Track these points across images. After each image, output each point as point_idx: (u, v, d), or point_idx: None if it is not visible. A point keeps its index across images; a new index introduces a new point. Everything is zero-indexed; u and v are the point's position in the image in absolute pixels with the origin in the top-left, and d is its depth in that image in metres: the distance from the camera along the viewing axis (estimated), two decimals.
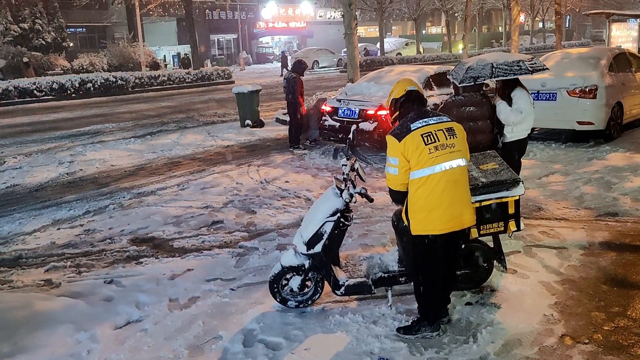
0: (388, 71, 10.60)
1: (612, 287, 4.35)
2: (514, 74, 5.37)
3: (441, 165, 3.47)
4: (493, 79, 5.42)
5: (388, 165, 3.62)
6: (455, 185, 3.52)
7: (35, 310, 4.19)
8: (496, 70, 5.38)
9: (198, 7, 37.31)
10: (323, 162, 9.11)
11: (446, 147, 3.50)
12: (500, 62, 5.43)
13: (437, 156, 3.46)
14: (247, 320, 4.05)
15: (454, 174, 3.51)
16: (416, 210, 3.54)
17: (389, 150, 3.59)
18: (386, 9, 36.02)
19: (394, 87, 3.85)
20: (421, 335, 3.73)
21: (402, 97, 3.75)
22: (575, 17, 63.33)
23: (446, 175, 3.48)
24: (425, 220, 3.52)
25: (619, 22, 19.54)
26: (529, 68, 5.36)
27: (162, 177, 8.64)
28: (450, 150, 3.51)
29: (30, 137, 12.95)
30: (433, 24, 65.24)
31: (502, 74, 5.37)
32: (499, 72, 5.37)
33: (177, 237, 5.94)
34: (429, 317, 3.76)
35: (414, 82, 3.86)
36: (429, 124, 3.54)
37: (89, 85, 22.39)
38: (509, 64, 5.40)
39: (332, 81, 25.58)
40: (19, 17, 31.24)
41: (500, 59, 5.51)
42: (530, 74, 5.38)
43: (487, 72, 5.40)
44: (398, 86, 3.82)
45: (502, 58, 5.53)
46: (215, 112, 16.65)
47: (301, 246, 4.07)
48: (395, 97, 3.79)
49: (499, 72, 5.37)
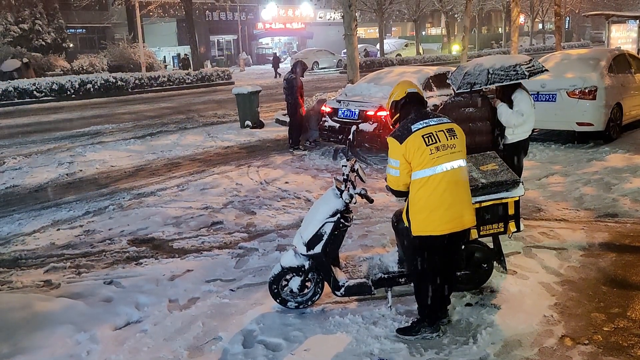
0: (388, 72, 10.61)
1: (612, 288, 4.35)
2: (510, 79, 5.34)
3: (442, 165, 3.47)
4: (489, 85, 5.40)
5: (389, 167, 3.63)
6: (456, 186, 3.53)
7: (35, 311, 4.18)
8: (492, 77, 5.37)
9: (198, 8, 37.35)
10: (323, 163, 9.11)
11: (447, 148, 3.50)
12: (497, 67, 5.40)
13: (439, 157, 3.47)
14: (246, 321, 4.05)
15: (454, 174, 3.52)
16: (417, 210, 3.55)
17: (390, 152, 3.60)
18: (386, 10, 36.05)
19: (394, 89, 3.86)
20: (421, 336, 3.73)
21: (403, 99, 3.76)
22: (575, 18, 63.36)
23: (447, 176, 3.48)
24: (426, 221, 3.52)
25: (619, 24, 19.54)
26: (525, 72, 5.32)
27: (162, 178, 8.64)
28: (452, 150, 3.52)
29: (30, 138, 12.95)
30: (433, 25, 65.28)
31: (498, 79, 5.35)
32: (495, 78, 5.36)
33: (176, 237, 5.94)
34: (429, 318, 3.75)
35: (413, 84, 3.87)
36: (429, 125, 3.54)
37: (88, 86, 22.37)
38: (505, 69, 5.37)
39: (331, 82, 25.60)
40: (19, 18, 31.23)
41: (497, 63, 5.48)
42: (526, 78, 5.34)
43: (484, 78, 5.39)
44: (398, 88, 3.83)
45: (500, 62, 5.50)
46: (215, 112, 16.66)
47: (301, 247, 4.07)
48: (395, 99, 3.80)
49: (495, 78, 5.36)
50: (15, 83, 21.18)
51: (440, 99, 8.91)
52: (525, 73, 5.32)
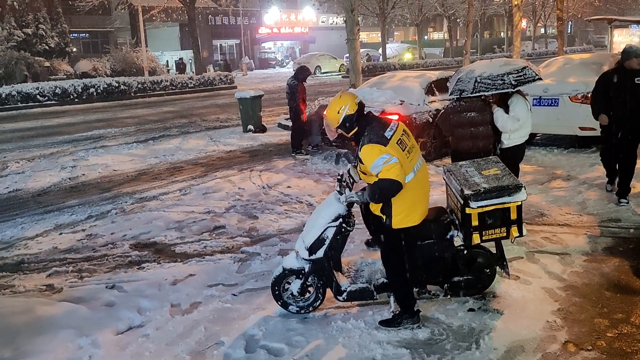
0: (390, 76, 10.61)
1: (615, 293, 4.33)
2: (495, 89, 5.35)
3: (415, 166, 3.75)
4: (475, 94, 5.40)
5: (385, 162, 3.52)
6: (424, 180, 3.89)
7: (37, 315, 4.18)
8: (478, 85, 5.38)
9: (201, 12, 37.39)
10: (325, 168, 9.11)
11: (412, 148, 3.79)
12: (485, 76, 5.41)
13: (411, 159, 3.72)
14: (249, 326, 4.04)
15: (422, 171, 3.84)
16: (402, 210, 3.73)
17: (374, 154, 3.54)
18: (388, 14, 36.09)
19: (339, 104, 3.75)
20: (403, 327, 3.84)
21: (357, 112, 3.74)
22: (577, 23, 63.37)
23: (419, 174, 3.78)
24: (409, 216, 3.76)
25: (621, 28, 19.55)
26: (512, 82, 5.32)
27: (164, 182, 8.65)
28: (415, 150, 3.82)
29: (33, 142, 12.99)
30: (435, 30, 65.38)
31: (483, 88, 5.35)
32: (481, 87, 5.36)
33: (179, 242, 5.94)
34: (409, 309, 3.88)
35: (355, 94, 3.91)
36: (394, 130, 3.68)
37: (91, 90, 22.46)
38: (492, 78, 5.37)
39: (334, 86, 25.62)
40: (22, 23, 31.40)
41: (487, 71, 5.48)
42: (512, 89, 5.36)
43: (471, 86, 5.40)
44: (345, 102, 3.74)
45: (489, 70, 5.49)
46: (217, 117, 16.69)
47: (303, 251, 4.07)
48: (349, 114, 3.72)
49: (480, 87, 5.36)
50: (18, 87, 21.26)
51: (443, 104, 8.92)
52: (512, 83, 5.33)
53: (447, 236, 4.10)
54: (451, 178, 4.29)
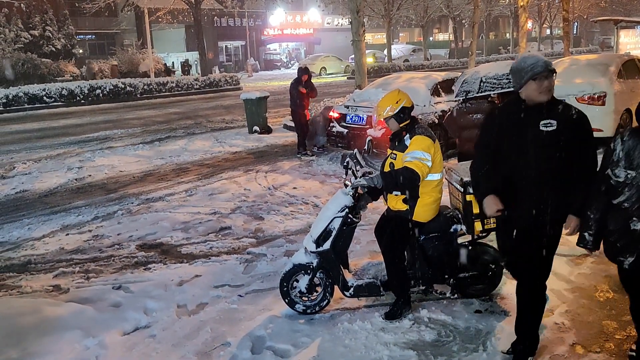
0: (396, 78, 10.61)
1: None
2: (501, 88, 5.32)
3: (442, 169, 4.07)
4: (480, 93, 5.38)
5: (422, 159, 3.83)
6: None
7: (44, 315, 4.19)
8: (484, 85, 5.36)
9: (206, 14, 37.51)
10: (331, 169, 9.11)
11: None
12: (490, 76, 5.39)
13: (441, 160, 4.03)
14: (255, 327, 4.04)
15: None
16: (427, 203, 3.98)
17: (422, 146, 3.86)
18: (393, 15, 36.05)
19: (399, 95, 4.07)
20: (403, 316, 4.00)
21: (411, 107, 4.06)
22: (583, 23, 63.08)
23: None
24: (429, 212, 4.01)
25: (627, 29, 19.45)
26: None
27: (170, 183, 8.67)
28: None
29: (40, 143, 13.05)
30: (440, 31, 65.28)
31: (489, 88, 5.33)
32: (487, 86, 5.35)
33: (185, 243, 5.95)
34: (403, 294, 4.07)
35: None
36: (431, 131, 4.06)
37: (98, 92, 22.54)
38: (498, 78, 5.35)
39: (339, 87, 25.62)
40: (29, 24, 31.59)
41: (492, 71, 5.47)
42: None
43: (476, 86, 5.38)
44: (404, 96, 4.08)
45: (495, 70, 5.48)
46: (223, 118, 16.72)
47: (310, 245, 4.12)
48: (406, 106, 4.02)
49: (486, 87, 5.35)
50: (25, 88, 21.37)
51: (449, 105, 8.89)
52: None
53: (450, 229, 4.13)
54: (451, 173, 4.40)
